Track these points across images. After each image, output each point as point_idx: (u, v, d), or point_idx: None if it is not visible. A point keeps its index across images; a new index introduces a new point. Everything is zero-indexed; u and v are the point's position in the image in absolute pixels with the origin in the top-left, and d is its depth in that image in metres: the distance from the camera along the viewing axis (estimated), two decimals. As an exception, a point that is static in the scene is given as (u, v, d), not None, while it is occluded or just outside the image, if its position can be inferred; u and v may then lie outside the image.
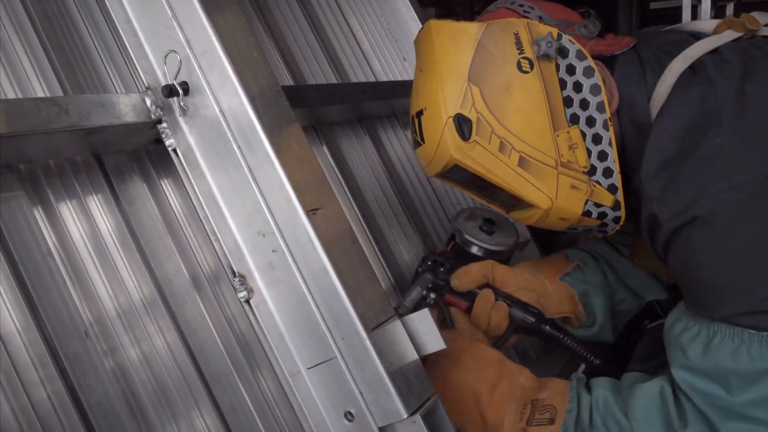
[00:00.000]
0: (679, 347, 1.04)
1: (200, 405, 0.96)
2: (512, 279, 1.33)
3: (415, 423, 0.91)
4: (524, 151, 1.08)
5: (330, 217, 0.97)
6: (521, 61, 1.08)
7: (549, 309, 1.33)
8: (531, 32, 1.08)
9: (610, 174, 1.10)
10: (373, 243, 1.42)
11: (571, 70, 1.09)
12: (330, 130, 1.47)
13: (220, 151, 0.96)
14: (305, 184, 0.96)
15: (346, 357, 0.93)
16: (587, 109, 1.08)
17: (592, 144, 1.09)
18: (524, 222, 1.17)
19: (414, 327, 0.99)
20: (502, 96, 1.07)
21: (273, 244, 0.95)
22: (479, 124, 1.08)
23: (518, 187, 1.09)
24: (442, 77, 1.09)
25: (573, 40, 1.09)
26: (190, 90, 0.96)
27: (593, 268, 1.40)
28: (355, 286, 0.94)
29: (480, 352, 1.17)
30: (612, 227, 1.15)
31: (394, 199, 1.56)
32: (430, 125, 1.12)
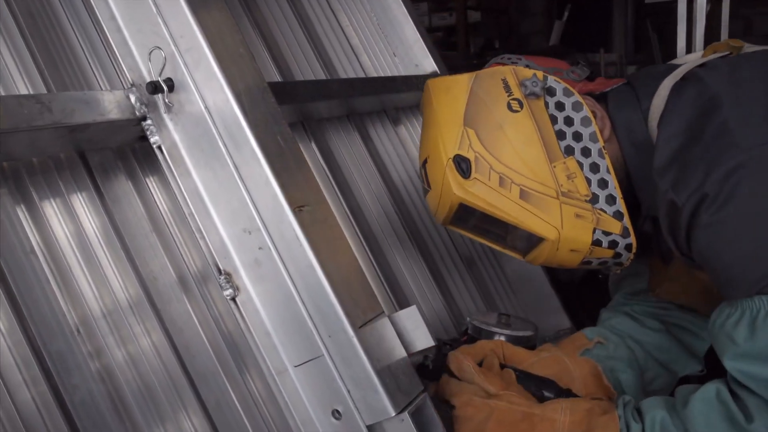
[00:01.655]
0: (726, 337, 1.00)
1: (186, 403, 0.95)
2: (525, 355, 1.22)
3: (403, 421, 0.91)
4: (524, 183, 1.12)
5: (317, 214, 0.96)
6: (511, 102, 1.15)
7: (573, 388, 1.20)
8: (517, 76, 1.17)
9: (613, 201, 1.12)
10: (363, 241, 1.41)
11: (561, 106, 1.15)
12: (319, 126, 1.47)
13: (205, 148, 0.95)
14: (292, 181, 0.95)
15: (333, 355, 0.92)
16: (581, 141, 1.13)
17: (590, 173, 1.13)
18: (540, 261, 1.18)
19: (402, 324, 0.98)
20: (496, 134, 1.14)
21: (259, 241, 0.94)
22: (477, 162, 1.13)
23: (523, 219, 1.12)
24: (440, 125, 1.17)
25: (558, 80, 1.17)
26: (175, 87, 0.95)
27: (617, 343, 1.32)
28: (343, 283, 0.93)
29: (502, 413, 1.05)
30: (626, 257, 1.15)
31: (384, 196, 1.55)
32: (433, 170, 1.18)
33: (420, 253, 1.52)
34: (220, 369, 0.99)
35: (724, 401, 0.98)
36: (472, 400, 1.06)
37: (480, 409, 1.05)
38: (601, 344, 1.30)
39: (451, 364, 1.12)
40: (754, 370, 0.95)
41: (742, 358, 0.97)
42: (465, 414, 1.06)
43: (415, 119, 1.76)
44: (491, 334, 1.28)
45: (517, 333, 1.29)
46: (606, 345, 1.31)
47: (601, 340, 1.30)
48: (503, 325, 1.31)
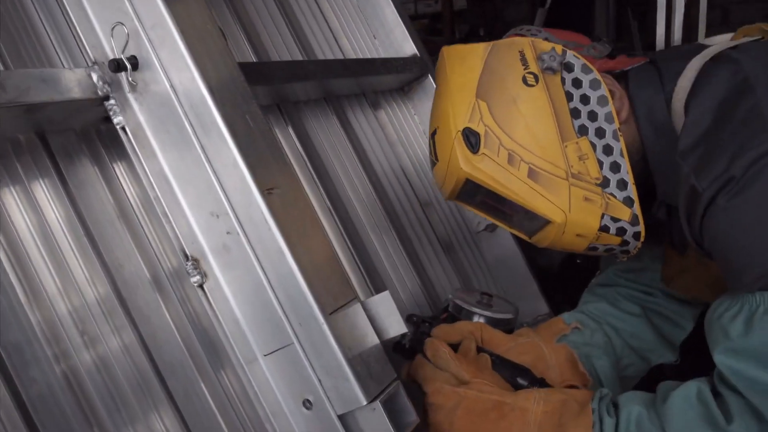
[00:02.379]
0: (720, 330, 0.96)
1: (153, 394, 0.92)
2: (502, 340, 1.20)
3: (375, 410, 0.88)
4: (533, 162, 1.08)
5: (287, 197, 0.93)
6: (526, 75, 1.10)
7: (548, 376, 1.19)
8: (535, 49, 1.12)
9: (624, 186, 1.09)
10: (340, 225, 1.38)
11: (577, 83, 1.10)
12: (295, 109, 1.43)
13: (171, 129, 0.92)
14: (261, 163, 0.92)
15: (303, 343, 0.89)
16: (596, 121, 1.09)
17: (603, 155, 1.09)
18: (545, 243, 1.15)
19: (375, 310, 0.96)
20: (508, 109, 1.09)
21: (227, 225, 0.91)
22: (487, 136, 1.09)
23: (530, 199, 1.09)
24: (452, 95, 1.13)
25: (578, 56, 1.11)
26: (139, 65, 0.91)
27: (594, 329, 1.30)
28: (314, 268, 0.91)
29: (471, 402, 1.02)
30: (634, 245, 1.12)
31: (362, 181, 1.52)
32: (441, 143, 1.15)
33: (398, 238, 1.50)
34: (189, 359, 0.96)
35: (705, 401, 0.94)
36: (442, 389, 1.04)
37: (449, 398, 1.03)
38: (578, 330, 1.29)
39: (427, 351, 1.09)
40: (742, 367, 0.91)
41: (733, 353, 0.92)
42: (435, 402, 1.04)
43: (395, 103, 1.73)
44: (471, 315, 1.27)
45: (497, 315, 1.27)
46: (583, 331, 1.29)
47: (578, 326, 1.29)
48: (484, 306, 1.29)
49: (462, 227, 1.69)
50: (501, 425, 1.00)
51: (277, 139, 0.97)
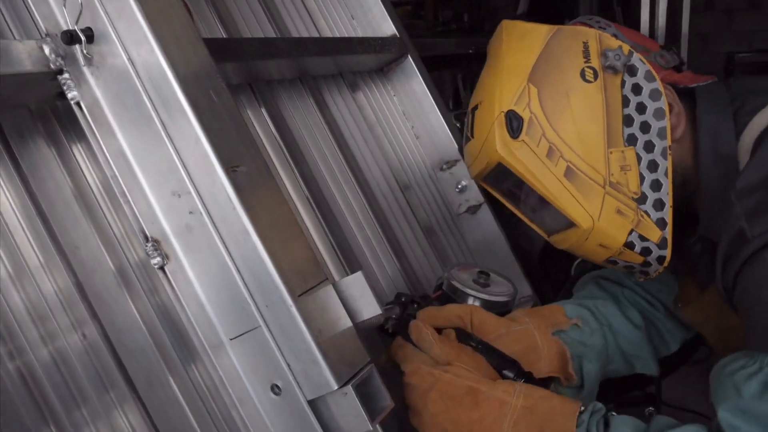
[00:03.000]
0: (732, 386, 0.90)
1: (113, 381, 0.88)
2: (494, 325, 1.12)
3: (346, 395, 0.85)
4: (572, 161, 1.03)
5: (253, 175, 0.89)
6: (585, 69, 1.05)
7: (538, 367, 1.14)
8: (601, 43, 1.05)
9: (661, 207, 1.04)
10: (315, 208, 1.34)
11: (637, 89, 1.05)
12: (269, 89, 1.39)
13: (129, 105, 0.87)
14: (225, 140, 0.88)
15: (271, 326, 0.85)
16: (647, 133, 1.04)
17: (646, 170, 1.04)
18: (564, 245, 1.11)
19: (348, 291, 0.92)
20: (559, 101, 1.04)
21: (189, 205, 0.87)
22: (531, 124, 1.04)
23: (560, 198, 1.04)
24: (502, 73, 1.07)
25: (644, 61, 1.05)
26: (95, 37, 0.87)
27: (594, 330, 1.24)
28: (281, 249, 0.87)
29: (445, 386, 0.98)
30: (655, 268, 1.08)
31: (339, 163, 1.48)
32: (481, 119, 1.09)
33: (376, 221, 1.46)
34: (152, 343, 0.92)
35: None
36: (418, 369, 1.00)
37: (424, 379, 0.99)
38: (578, 327, 1.22)
39: (411, 334, 1.05)
40: (748, 430, 0.86)
41: (741, 413, 0.87)
42: (411, 382, 1.00)
43: (374, 84, 1.68)
44: (466, 297, 1.21)
45: (493, 298, 1.22)
46: (582, 329, 1.22)
47: (578, 323, 1.22)
48: (480, 286, 1.23)
49: (443, 210, 1.65)
50: (474, 414, 0.96)
51: (243, 116, 0.92)
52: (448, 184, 1.65)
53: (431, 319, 1.09)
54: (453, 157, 1.64)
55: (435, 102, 1.67)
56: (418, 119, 1.68)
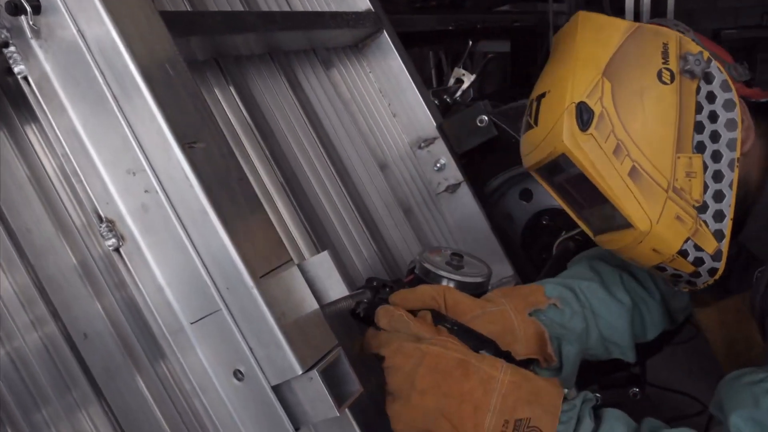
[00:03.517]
0: (750, 396, 0.89)
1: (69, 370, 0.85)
2: (469, 306, 1.10)
3: (312, 380, 0.81)
4: (639, 161, 1.01)
5: (211, 152, 0.85)
6: (663, 70, 1.02)
7: (515, 349, 1.10)
8: (681, 47, 1.04)
9: (721, 218, 1.03)
10: (286, 187, 1.30)
11: (711, 98, 1.04)
12: (237, 66, 1.34)
13: (80, 80, 0.83)
14: (182, 115, 0.84)
15: (232, 309, 0.82)
16: (717, 142, 1.03)
17: (711, 180, 1.03)
18: (612, 246, 1.09)
19: (314, 272, 0.88)
20: (633, 99, 1.02)
21: (145, 183, 0.82)
22: (601, 119, 1.01)
23: (621, 197, 1.02)
24: (576, 64, 1.05)
25: (722, 70, 1.04)
26: (42, 8, 0.82)
27: (575, 312, 1.21)
28: (242, 228, 0.83)
29: (435, 359, 0.93)
30: (704, 279, 1.06)
31: (312, 142, 1.43)
32: (549, 107, 1.06)
33: (351, 201, 1.42)
34: (112, 330, 0.88)
35: None
36: (402, 347, 0.95)
37: (411, 355, 0.94)
38: (557, 308, 1.20)
39: (380, 320, 1.00)
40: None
41: (755, 423, 0.86)
42: (395, 363, 0.94)
43: (349, 61, 1.64)
44: (439, 279, 1.17)
45: (467, 279, 1.18)
46: (563, 310, 1.20)
47: (557, 304, 1.20)
48: (454, 268, 1.19)
49: (421, 189, 1.62)
50: (465, 386, 0.92)
51: (203, 92, 0.88)
52: (426, 162, 1.62)
53: (404, 301, 1.06)
54: (431, 135, 1.60)
55: (412, 79, 1.63)
56: (394, 96, 1.64)
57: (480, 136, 1.58)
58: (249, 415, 0.85)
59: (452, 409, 0.91)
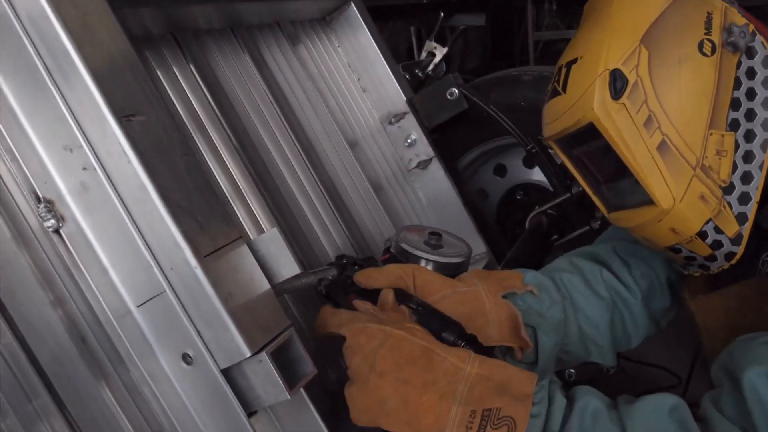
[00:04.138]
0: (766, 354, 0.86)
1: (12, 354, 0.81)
2: (438, 286, 1.05)
3: (261, 362, 0.78)
4: (669, 135, 0.96)
5: (151, 125, 0.80)
6: (704, 41, 0.98)
7: (486, 333, 1.06)
8: (726, 18, 0.99)
9: (746, 201, 0.99)
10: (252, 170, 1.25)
11: (752, 74, 1.00)
12: (197, 41, 1.29)
13: (10, 51, 0.78)
14: (119, 88, 0.79)
15: (177, 290, 0.78)
16: (751, 121, 0.99)
17: (741, 160, 0.98)
18: (628, 224, 1.04)
19: (264, 250, 0.85)
20: (670, 69, 0.97)
21: (83, 160, 0.78)
22: (635, 88, 0.96)
23: (647, 172, 0.97)
24: (613, 30, 0.99)
25: (765, 45, 0.99)
26: (-34, -24, 0.78)
27: (554, 301, 1.16)
28: (185, 205, 0.79)
29: (398, 341, 0.89)
30: (719, 264, 1.03)
31: (278, 122, 1.38)
32: (580, 74, 1.01)
33: (319, 180, 1.38)
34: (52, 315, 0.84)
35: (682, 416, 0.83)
36: (366, 327, 0.90)
37: (374, 336, 0.89)
38: (533, 294, 1.15)
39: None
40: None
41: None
42: (357, 343, 0.90)
43: (316, 35, 1.59)
44: (417, 260, 1.12)
45: (445, 259, 1.13)
46: (542, 299, 1.15)
47: (533, 291, 1.15)
48: (431, 248, 1.14)
49: (392, 166, 1.58)
50: (427, 376, 0.88)
51: (139, 61, 0.83)
52: (397, 138, 1.58)
53: (369, 279, 1.02)
54: (401, 110, 1.56)
55: (381, 52, 1.59)
56: (364, 71, 1.60)
57: (450, 109, 1.54)
58: (200, 400, 0.82)
59: (412, 398, 0.87)
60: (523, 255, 1.44)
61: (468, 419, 0.85)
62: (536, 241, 1.51)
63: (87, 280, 0.81)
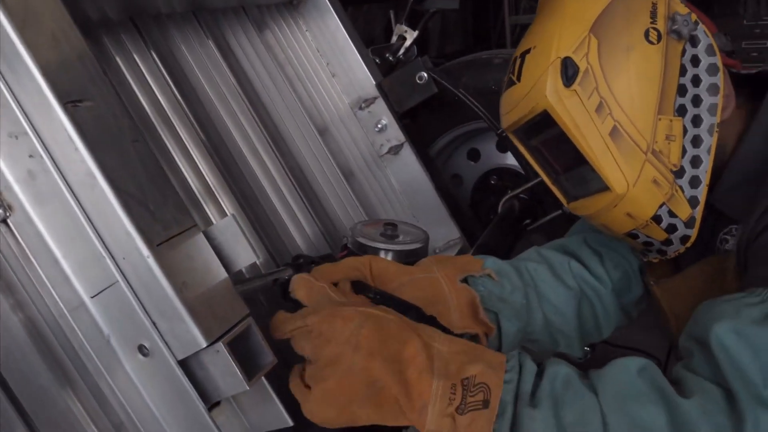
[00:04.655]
0: (733, 308, 0.87)
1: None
2: (395, 274, 1.04)
3: (218, 352, 0.76)
4: (620, 121, 0.99)
5: (100, 111, 0.78)
6: (650, 30, 1.01)
7: (448, 320, 1.05)
8: (670, 8, 1.02)
9: (697, 184, 1.01)
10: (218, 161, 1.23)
11: (696, 61, 1.02)
12: (157, 26, 1.26)
13: (-50, 35, 0.75)
14: (65, 73, 0.76)
15: (130, 280, 0.76)
16: (698, 107, 1.02)
17: (690, 145, 1.01)
18: (585, 212, 1.06)
19: (220, 239, 0.82)
20: (619, 57, 1.00)
21: (29, 147, 0.75)
22: (586, 75, 0.99)
23: (601, 157, 0.99)
24: (564, 19, 1.02)
25: (708, 34, 1.02)
26: None
27: (515, 287, 1.15)
28: (136, 193, 0.76)
29: (378, 319, 0.88)
30: (675, 248, 1.05)
31: (244, 108, 1.36)
32: (533, 63, 1.03)
33: (287, 168, 1.36)
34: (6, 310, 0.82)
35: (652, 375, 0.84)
36: (338, 311, 0.87)
37: (351, 318, 0.86)
38: (491, 278, 1.13)
39: (298, 291, 0.92)
40: (738, 350, 0.81)
41: (736, 334, 0.82)
42: (331, 328, 0.85)
43: (283, 20, 1.56)
44: (376, 251, 1.13)
45: (403, 247, 1.14)
46: (502, 284, 1.14)
47: (492, 275, 1.13)
48: (388, 238, 1.15)
49: (363, 152, 1.56)
50: (409, 350, 0.86)
51: (86, 45, 0.80)
52: (368, 123, 1.56)
53: (326, 275, 0.99)
54: (371, 95, 1.54)
55: (350, 37, 1.56)
56: (333, 56, 1.57)
57: (421, 93, 1.52)
58: (159, 392, 0.80)
59: (397, 375, 0.84)
60: (496, 240, 1.43)
61: (450, 392, 0.84)
62: (509, 225, 1.50)
63: (37, 271, 0.79)
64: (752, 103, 1.07)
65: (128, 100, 1.14)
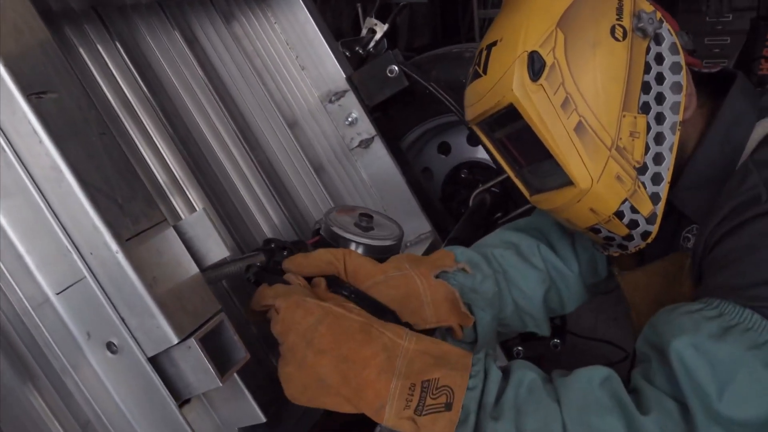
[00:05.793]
0: (689, 321, 0.86)
1: None
2: (370, 272, 1.05)
3: (190, 348, 0.75)
4: (585, 116, 0.99)
5: (64, 103, 0.76)
6: (616, 26, 1.01)
7: (422, 315, 1.06)
8: (635, 5, 1.03)
9: (658, 181, 1.02)
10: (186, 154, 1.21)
11: (660, 59, 1.03)
12: (122, 17, 1.23)
13: None
14: (26, 62, 0.74)
15: (98, 276, 0.74)
16: (661, 105, 1.02)
17: (653, 142, 1.02)
18: (548, 206, 1.06)
19: (191, 233, 0.81)
20: (585, 52, 1.00)
21: (-10, 141, 0.73)
22: (552, 70, 0.99)
23: (565, 152, 0.99)
24: (531, 13, 1.01)
25: (672, 33, 1.03)
26: None
27: (486, 276, 1.16)
28: (103, 186, 0.75)
29: (337, 318, 0.89)
30: (637, 243, 1.05)
31: (211, 100, 1.34)
32: (499, 56, 1.02)
33: (256, 160, 1.34)
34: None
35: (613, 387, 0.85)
36: (303, 302, 0.88)
37: (311, 312, 0.87)
38: (465, 272, 1.15)
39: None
40: (697, 365, 0.81)
41: (694, 349, 0.82)
42: (292, 318, 0.87)
43: (251, 12, 1.54)
44: (347, 243, 1.11)
45: (376, 243, 1.13)
46: (474, 275, 1.15)
47: (465, 268, 1.15)
48: (362, 230, 1.13)
49: (334, 146, 1.55)
50: (367, 350, 0.87)
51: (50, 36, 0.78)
52: (338, 117, 1.54)
53: (299, 267, 0.99)
54: (341, 88, 1.53)
55: (320, 29, 1.55)
56: (302, 49, 1.56)
57: (391, 87, 1.52)
58: (128, 390, 0.78)
59: (352, 374, 0.86)
60: (467, 233, 1.43)
61: (408, 393, 0.85)
62: (480, 219, 1.51)
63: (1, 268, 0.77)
64: (713, 102, 1.09)
65: (93, 91, 1.11)
